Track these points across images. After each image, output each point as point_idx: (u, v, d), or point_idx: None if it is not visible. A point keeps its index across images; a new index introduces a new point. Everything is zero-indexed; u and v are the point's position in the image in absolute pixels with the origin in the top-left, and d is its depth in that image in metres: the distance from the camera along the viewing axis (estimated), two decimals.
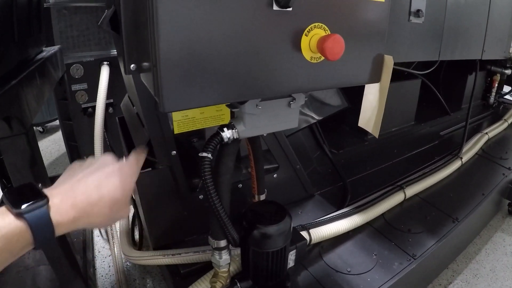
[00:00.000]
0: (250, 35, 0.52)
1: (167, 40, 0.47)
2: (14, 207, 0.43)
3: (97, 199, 0.50)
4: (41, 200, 0.44)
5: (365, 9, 0.62)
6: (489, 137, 1.93)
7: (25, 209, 0.42)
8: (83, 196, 0.49)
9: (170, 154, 0.97)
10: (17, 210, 0.42)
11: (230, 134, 0.68)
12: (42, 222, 0.43)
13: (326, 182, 1.47)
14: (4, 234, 0.41)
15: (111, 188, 0.52)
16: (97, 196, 0.50)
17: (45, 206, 0.44)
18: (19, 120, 0.84)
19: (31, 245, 0.44)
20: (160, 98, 0.49)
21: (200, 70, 0.50)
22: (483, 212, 1.48)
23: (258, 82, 0.56)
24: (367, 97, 0.82)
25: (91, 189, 0.50)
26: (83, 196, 0.49)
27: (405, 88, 1.91)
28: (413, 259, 1.09)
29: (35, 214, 0.43)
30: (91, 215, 0.49)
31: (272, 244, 0.81)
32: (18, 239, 0.42)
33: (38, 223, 0.43)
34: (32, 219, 0.42)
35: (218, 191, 0.71)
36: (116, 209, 0.53)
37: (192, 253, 1.01)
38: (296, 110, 0.73)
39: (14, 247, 0.42)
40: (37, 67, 1.05)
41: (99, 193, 0.50)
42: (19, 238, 0.42)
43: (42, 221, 0.43)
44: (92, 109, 1.58)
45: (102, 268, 1.46)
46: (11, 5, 0.92)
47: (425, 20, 1.17)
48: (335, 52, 0.56)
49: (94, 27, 1.57)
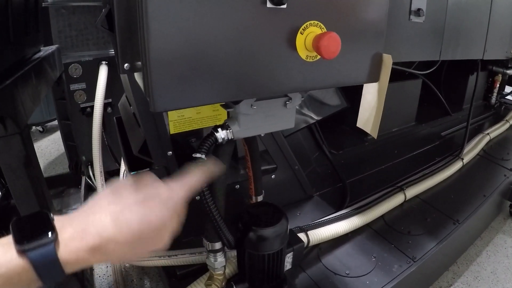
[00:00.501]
0: (243, 33, 0.51)
1: (157, 39, 0.45)
2: (18, 242, 0.39)
3: (112, 234, 0.43)
4: (46, 237, 0.40)
5: (363, 6, 0.61)
6: (490, 138, 1.91)
7: (28, 246, 0.39)
8: (95, 230, 0.42)
9: (166, 155, 0.96)
10: (20, 247, 0.38)
11: (225, 134, 0.67)
12: (47, 261, 0.39)
13: (325, 183, 1.46)
14: (4, 272, 0.38)
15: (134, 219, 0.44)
16: (112, 231, 0.43)
17: (51, 243, 0.39)
18: (14, 120, 0.83)
19: (38, 282, 0.40)
20: (151, 97, 0.48)
21: (191, 69, 0.49)
22: (484, 214, 1.47)
23: (252, 82, 0.55)
24: (366, 97, 0.81)
25: (108, 223, 0.43)
26: (94, 230, 0.42)
27: (405, 88, 1.90)
28: (413, 261, 1.08)
29: (39, 253, 0.39)
30: (107, 253, 0.43)
31: (268, 246, 0.80)
32: (21, 278, 0.39)
33: (43, 262, 0.39)
34: (36, 258, 0.38)
35: (212, 193, 0.70)
36: (140, 244, 0.45)
37: (188, 254, 1.00)
38: (292, 110, 0.71)
39: (15, 285, 0.39)
40: (33, 66, 1.04)
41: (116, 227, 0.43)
42: (22, 277, 0.39)
43: (47, 260, 0.39)
44: (91, 109, 1.57)
45: (99, 268, 1.45)
46: (6, 5, 0.91)
47: (426, 19, 1.16)
48: (331, 50, 0.54)
49: (93, 27, 1.57)
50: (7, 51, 0.92)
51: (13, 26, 0.94)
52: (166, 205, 0.47)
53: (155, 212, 0.46)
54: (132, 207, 0.45)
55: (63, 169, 2.24)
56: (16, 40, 0.98)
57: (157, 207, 0.46)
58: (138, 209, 0.45)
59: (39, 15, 1.25)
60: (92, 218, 0.44)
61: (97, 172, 1.36)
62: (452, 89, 2.28)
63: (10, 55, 0.95)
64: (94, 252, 0.42)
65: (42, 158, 2.41)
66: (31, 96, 0.97)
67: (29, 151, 0.91)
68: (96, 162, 1.35)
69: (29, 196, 0.92)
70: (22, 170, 0.89)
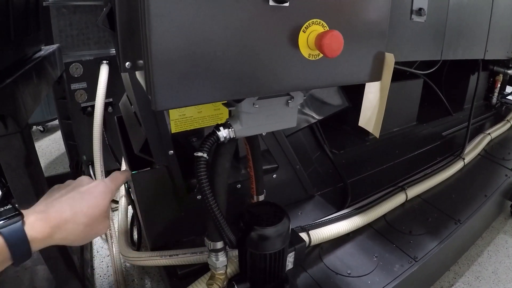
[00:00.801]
0: (246, 32, 0.51)
1: (159, 37, 0.45)
2: None
3: (70, 216, 0.52)
4: (16, 216, 0.47)
5: (365, 5, 0.61)
6: (491, 137, 1.91)
7: (0, 224, 0.46)
8: (57, 214, 0.52)
9: (167, 154, 0.96)
10: None
11: (227, 133, 0.66)
12: (17, 237, 0.46)
13: (326, 183, 1.46)
14: None
15: (84, 205, 0.55)
16: (70, 213, 0.53)
17: (19, 222, 0.47)
18: (14, 118, 0.83)
19: (9, 260, 0.46)
20: (152, 96, 0.48)
21: (193, 67, 0.49)
22: (486, 214, 1.47)
23: (254, 80, 0.55)
24: (368, 96, 0.81)
25: (65, 207, 0.53)
26: (56, 214, 0.52)
27: (407, 88, 1.89)
28: (415, 261, 1.07)
29: (10, 229, 0.46)
30: (65, 231, 0.52)
31: (270, 246, 0.80)
32: None
33: (14, 237, 0.46)
34: (8, 234, 0.46)
35: (214, 192, 0.69)
36: (91, 225, 0.55)
37: (190, 254, 1.00)
38: (294, 109, 0.71)
39: None
40: (34, 65, 1.04)
41: (72, 210, 0.53)
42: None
43: (17, 235, 0.46)
44: (91, 108, 1.57)
45: (100, 268, 1.45)
46: (7, 4, 0.91)
47: (427, 19, 1.15)
48: (334, 49, 0.54)
49: (94, 26, 1.57)
50: (8, 50, 0.92)
51: (14, 25, 0.94)
52: (105, 194, 0.59)
53: (99, 199, 0.57)
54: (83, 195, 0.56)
55: (64, 169, 2.24)
56: (17, 39, 0.98)
57: (100, 196, 0.58)
58: (88, 197, 0.56)
59: (40, 14, 1.24)
60: (51, 205, 0.53)
61: (97, 172, 1.36)
62: (453, 89, 2.28)
63: (11, 54, 0.94)
64: (55, 231, 0.51)
65: (43, 157, 2.41)
66: (32, 95, 0.97)
67: (30, 150, 0.91)
68: (96, 162, 1.35)
69: (29, 195, 0.91)
70: (23, 169, 0.89)
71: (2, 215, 0.47)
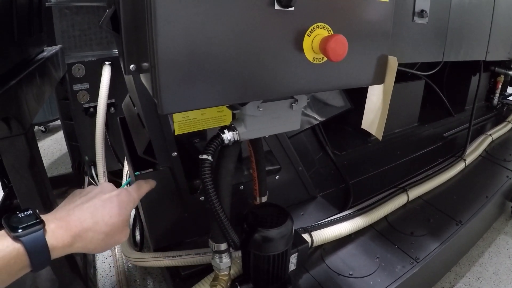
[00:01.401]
0: (251, 35, 0.51)
1: (166, 40, 0.46)
2: (11, 230, 0.45)
3: (91, 225, 0.52)
4: (37, 224, 0.47)
5: (369, 9, 0.61)
6: (493, 138, 1.91)
7: (21, 232, 0.45)
8: (78, 222, 0.51)
9: (171, 155, 0.96)
10: (14, 234, 0.45)
11: (231, 136, 0.67)
12: (37, 245, 0.46)
13: (328, 184, 1.46)
14: (2, 257, 0.43)
15: (106, 214, 0.55)
16: (91, 222, 0.52)
17: (41, 230, 0.47)
18: (18, 120, 0.83)
19: (28, 267, 0.46)
20: (158, 100, 0.48)
21: (199, 71, 0.49)
22: (487, 215, 1.47)
23: (259, 84, 0.55)
24: (371, 98, 0.81)
25: (86, 215, 0.53)
26: (77, 222, 0.51)
27: (408, 89, 1.89)
28: (416, 262, 1.08)
29: (31, 238, 0.45)
30: (85, 240, 0.52)
31: (273, 247, 0.80)
32: (16, 261, 0.44)
33: (34, 245, 0.45)
34: (28, 242, 0.45)
35: (218, 194, 0.70)
36: (111, 235, 0.55)
37: (193, 255, 1.00)
38: (298, 112, 0.71)
39: (12, 269, 0.44)
40: (37, 67, 1.04)
41: (93, 219, 0.53)
42: (16, 260, 0.44)
43: (38, 244, 0.46)
44: (94, 109, 1.58)
45: (102, 268, 1.45)
46: (10, 5, 0.91)
47: (429, 21, 1.16)
48: (338, 53, 0.54)
49: (96, 27, 1.57)
50: (11, 51, 0.92)
51: (17, 26, 0.94)
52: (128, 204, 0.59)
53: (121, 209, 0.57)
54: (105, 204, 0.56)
55: (66, 169, 2.25)
56: (20, 40, 0.98)
57: (122, 205, 0.58)
58: (110, 206, 0.56)
59: (42, 15, 1.25)
60: (72, 212, 0.53)
61: (100, 172, 1.36)
62: (454, 90, 2.28)
63: (14, 55, 0.95)
64: (76, 239, 0.50)
65: (45, 158, 2.42)
66: (36, 97, 0.97)
67: (34, 152, 0.91)
68: (99, 162, 1.36)
69: (33, 196, 0.92)
70: (27, 170, 0.89)
71: (22, 222, 0.46)
